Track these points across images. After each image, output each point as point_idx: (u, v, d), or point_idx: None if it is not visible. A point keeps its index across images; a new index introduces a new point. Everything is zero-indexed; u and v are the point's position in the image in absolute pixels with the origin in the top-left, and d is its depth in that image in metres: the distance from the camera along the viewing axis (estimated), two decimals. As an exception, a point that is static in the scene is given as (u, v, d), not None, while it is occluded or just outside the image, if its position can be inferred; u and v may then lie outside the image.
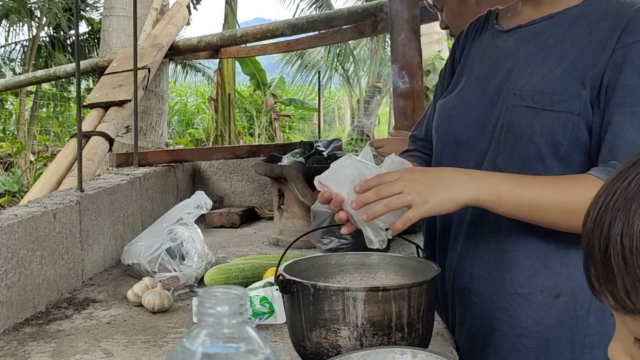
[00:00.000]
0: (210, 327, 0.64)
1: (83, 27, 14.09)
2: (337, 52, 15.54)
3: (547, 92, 1.22)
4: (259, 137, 13.89)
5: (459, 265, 1.37)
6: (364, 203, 1.19)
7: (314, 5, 15.67)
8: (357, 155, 1.64)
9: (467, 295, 1.37)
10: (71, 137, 4.00)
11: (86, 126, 3.60)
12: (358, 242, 1.90)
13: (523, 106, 1.24)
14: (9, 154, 10.62)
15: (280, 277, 1.19)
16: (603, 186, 0.65)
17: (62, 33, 14.21)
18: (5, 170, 10.21)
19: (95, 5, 14.28)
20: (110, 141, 3.59)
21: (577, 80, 1.20)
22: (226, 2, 10.31)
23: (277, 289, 1.23)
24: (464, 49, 1.48)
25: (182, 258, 1.80)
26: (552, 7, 1.30)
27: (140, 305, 1.58)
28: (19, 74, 11.95)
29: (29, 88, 11.88)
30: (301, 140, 2.54)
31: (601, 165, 1.17)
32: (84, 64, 5.23)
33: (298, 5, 15.78)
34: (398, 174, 1.19)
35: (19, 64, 14.43)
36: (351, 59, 16.07)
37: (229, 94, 10.65)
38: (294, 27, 4.54)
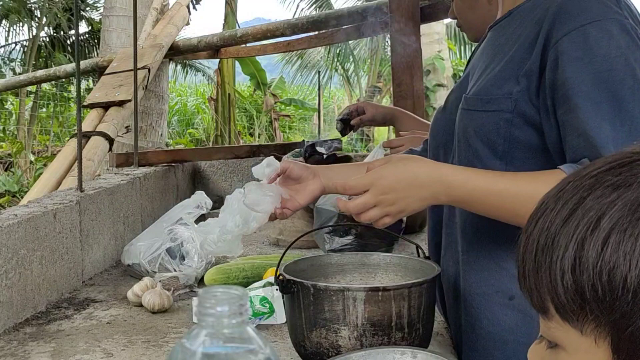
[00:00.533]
0: (210, 327, 0.64)
1: (83, 27, 14.09)
2: (337, 52, 15.54)
3: (481, 93, 1.21)
4: (259, 137, 13.88)
5: (442, 267, 1.38)
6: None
7: (314, 5, 15.66)
8: (365, 157, 1.64)
9: (448, 296, 1.39)
10: (71, 137, 4.00)
11: (86, 126, 3.60)
12: (361, 243, 1.90)
13: (463, 109, 1.25)
14: (9, 154, 10.62)
15: (280, 277, 1.19)
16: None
17: (62, 33, 14.20)
18: (5, 170, 10.20)
19: (95, 5, 14.27)
20: (110, 141, 3.59)
21: (512, 76, 1.17)
22: (226, 2, 10.32)
23: (277, 289, 1.23)
24: None
25: (182, 258, 1.80)
26: (514, 2, 1.26)
27: (140, 305, 1.58)
28: (19, 74, 11.94)
29: (29, 88, 11.87)
30: (303, 140, 2.54)
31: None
32: (84, 64, 5.23)
33: (298, 5, 15.78)
34: (369, 196, 1.14)
35: (19, 64, 14.42)
36: (351, 59, 16.06)
37: (229, 94, 10.65)
38: (294, 27, 4.54)
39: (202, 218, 2.29)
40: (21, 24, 14.01)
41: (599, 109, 1.06)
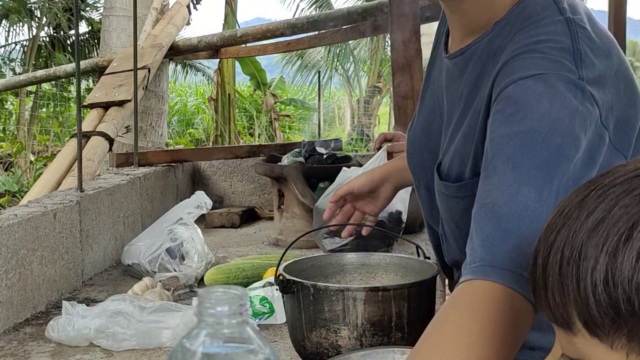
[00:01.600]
0: (210, 327, 0.64)
1: (83, 27, 14.08)
2: (337, 52, 15.54)
3: (449, 179, 1.06)
4: (259, 137, 13.88)
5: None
6: None
7: (314, 5, 15.67)
8: (365, 157, 1.61)
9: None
10: (71, 137, 4.00)
11: (86, 126, 3.60)
12: (361, 243, 1.90)
13: (440, 192, 1.10)
14: (9, 154, 10.61)
15: (280, 277, 1.19)
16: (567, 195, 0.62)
17: (62, 33, 14.20)
18: (5, 170, 10.20)
19: (95, 5, 14.27)
20: (110, 141, 3.59)
21: (470, 153, 1.00)
22: (226, 2, 10.31)
23: (277, 289, 1.23)
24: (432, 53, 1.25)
25: (182, 258, 1.80)
26: (472, 33, 1.02)
27: (140, 305, 1.58)
28: (19, 74, 11.94)
29: (29, 88, 11.87)
30: (303, 140, 2.54)
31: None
32: (84, 64, 5.23)
33: (298, 5, 15.79)
34: None
35: (19, 64, 14.42)
36: (351, 59, 16.07)
37: (229, 94, 10.65)
38: (294, 27, 4.54)
39: (201, 218, 2.30)
40: (21, 24, 14.01)
41: (520, 174, 0.82)
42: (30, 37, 14.08)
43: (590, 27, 0.92)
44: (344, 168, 2.02)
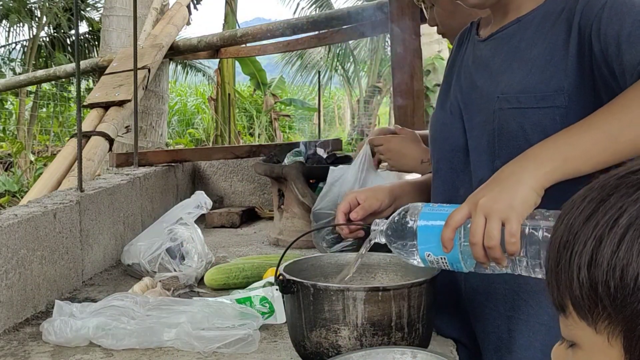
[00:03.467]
0: None
1: (83, 27, 14.09)
2: (337, 52, 15.55)
3: (530, 91, 1.23)
4: (259, 137, 13.88)
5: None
6: (480, 261, 1.07)
7: (314, 5, 15.67)
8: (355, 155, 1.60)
9: (479, 296, 1.35)
10: (71, 137, 4.00)
11: (86, 126, 3.60)
12: (360, 245, 1.90)
13: (510, 108, 1.25)
14: (9, 154, 10.61)
15: (280, 277, 1.19)
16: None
17: (62, 33, 14.21)
18: (5, 170, 10.20)
19: (95, 5, 14.28)
20: (110, 141, 3.59)
21: (557, 74, 1.21)
22: (226, 2, 10.32)
23: (277, 289, 1.23)
24: (448, 60, 1.52)
25: (182, 258, 1.80)
26: (518, 12, 1.32)
27: (140, 305, 1.58)
28: (19, 74, 11.94)
29: (29, 88, 11.88)
30: (301, 141, 2.54)
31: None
32: (84, 64, 5.23)
33: (298, 4, 15.80)
34: (466, 206, 1.07)
35: (19, 64, 14.43)
36: (351, 59, 16.07)
37: (229, 94, 10.65)
38: (294, 27, 4.54)
39: (202, 218, 2.29)
40: (21, 24, 14.01)
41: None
42: (30, 37, 14.09)
43: None
44: (331, 168, 2.00)
